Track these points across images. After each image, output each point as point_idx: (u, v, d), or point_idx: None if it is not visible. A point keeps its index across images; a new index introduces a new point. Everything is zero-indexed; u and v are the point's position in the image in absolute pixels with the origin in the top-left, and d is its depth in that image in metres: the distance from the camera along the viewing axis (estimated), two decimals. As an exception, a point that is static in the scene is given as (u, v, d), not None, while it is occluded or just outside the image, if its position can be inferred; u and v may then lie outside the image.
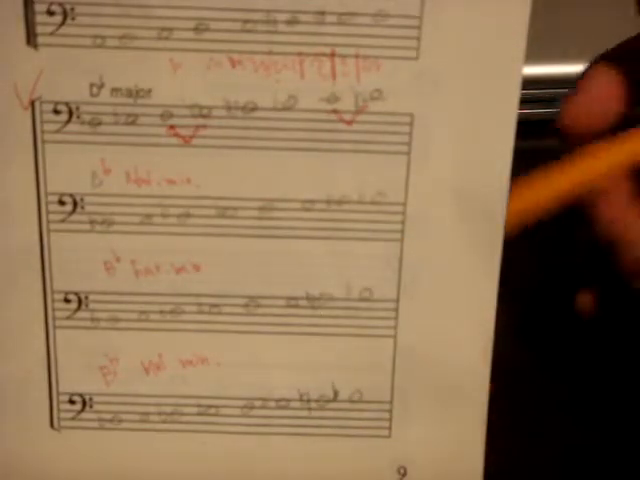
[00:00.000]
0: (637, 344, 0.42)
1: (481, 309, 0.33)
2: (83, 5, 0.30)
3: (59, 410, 0.34)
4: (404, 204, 0.32)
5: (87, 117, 0.31)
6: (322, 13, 0.30)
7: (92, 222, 0.32)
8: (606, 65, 0.34)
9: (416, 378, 0.34)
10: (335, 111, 0.31)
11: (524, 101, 0.32)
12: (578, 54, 0.50)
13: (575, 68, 0.49)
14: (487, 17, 0.31)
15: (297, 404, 0.34)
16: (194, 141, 0.31)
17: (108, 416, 0.34)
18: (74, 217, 0.32)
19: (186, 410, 0.34)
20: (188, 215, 0.32)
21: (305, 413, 0.34)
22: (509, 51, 0.31)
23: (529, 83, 0.50)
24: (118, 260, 0.32)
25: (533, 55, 0.32)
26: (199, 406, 0.34)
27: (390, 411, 0.34)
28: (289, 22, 0.30)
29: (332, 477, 0.35)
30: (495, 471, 0.35)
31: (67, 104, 0.31)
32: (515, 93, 0.31)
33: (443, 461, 0.35)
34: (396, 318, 0.33)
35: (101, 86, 0.31)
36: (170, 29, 0.30)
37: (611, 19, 0.45)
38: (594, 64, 0.34)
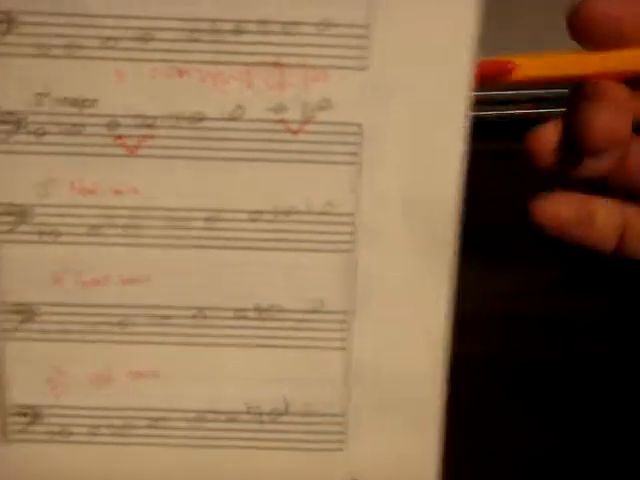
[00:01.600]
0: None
1: (434, 319, 0.33)
2: (27, 14, 0.30)
3: (9, 422, 0.34)
4: (354, 215, 0.32)
5: (33, 127, 0.31)
6: (266, 22, 0.30)
7: (40, 233, 0.32)
8: None
9: (369, 391, 0.33)
10: (282, 121, 0.31)
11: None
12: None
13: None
14: (436, 27, 0.30)
15: (248, 417, 0.34)
16: (140, 151, 0.31)
17: (57, 429, 0.34)
18: (22, 228, 0.32)
19: (136, 423, 0.34)
20: (135, 226, 0.32)
21: (256, 426, 0.34)
22: (458, 61, 0.31)
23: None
24: (66, 271, 0.32)
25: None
26: (149, 419, 0.34)
27: (343, 424, 0.34)
28: (234, 32, 0.30)
29: None
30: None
31: (12, 114, 0.31)
32: (464, 103, 0.31)
33: (398, 474, 0.34)
34: (347, 330, 0.33)
35: (46, 96, 0.30)
36: (115, 39, 0.30)
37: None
38: None
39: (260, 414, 0.34)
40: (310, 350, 0.33)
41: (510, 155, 0.35)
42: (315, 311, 0.33)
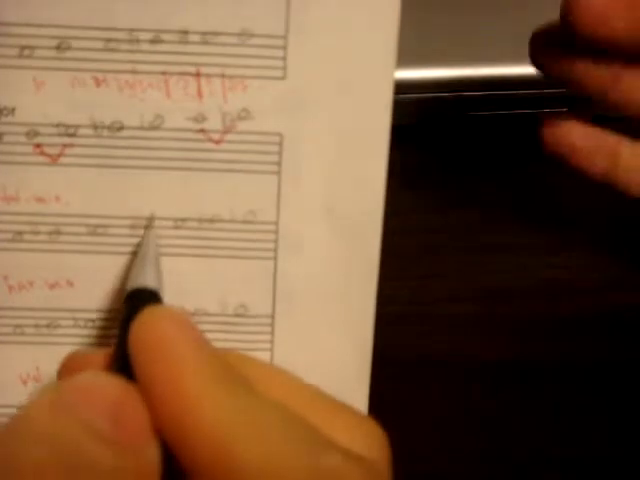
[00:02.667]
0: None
1: (358, 327, 0.33)
2: (-59, 22, 0.29)
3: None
4: (276, 223, 0.32)
5: (-48, 135, 0.31)
6: (185, 32, 0.30)
7: None
8: None
9: None
10: (203, 130, 0.31)
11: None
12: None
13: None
14: (355, 36, 0.30)
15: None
16: (61, 160, 0.31)
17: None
18: (-52, 232, 0.32)
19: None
20: (59, 232, 0.32)
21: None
22: (378, 70, 0.30)
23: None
24: None
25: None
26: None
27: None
28: (152, 41, 0.30)
29: None
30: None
31: None
32: (386, 111, 0.31)
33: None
34: (272, 333, 0.33)
35: (-36, 104, 0.30)
36: (32, 47, 0.30)
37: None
38: None
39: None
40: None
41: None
42: (239, 315, 0.33)
